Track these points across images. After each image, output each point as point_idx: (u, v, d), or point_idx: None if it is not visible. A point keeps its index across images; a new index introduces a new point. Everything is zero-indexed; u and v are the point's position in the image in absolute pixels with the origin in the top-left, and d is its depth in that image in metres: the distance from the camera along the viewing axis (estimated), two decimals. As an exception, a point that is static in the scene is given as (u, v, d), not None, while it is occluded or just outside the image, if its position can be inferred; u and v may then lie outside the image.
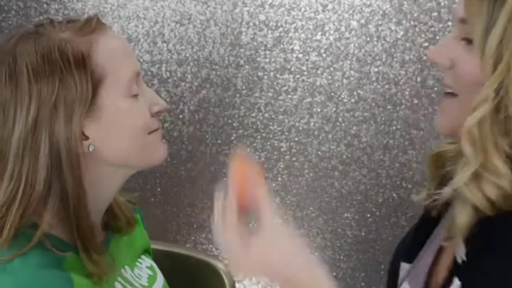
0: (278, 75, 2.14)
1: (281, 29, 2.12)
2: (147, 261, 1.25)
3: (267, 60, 2.14)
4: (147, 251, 1.28)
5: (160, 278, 1.24)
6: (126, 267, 1.16)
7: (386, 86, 2.08)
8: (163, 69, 2.20)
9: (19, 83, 1.00)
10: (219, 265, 1.59)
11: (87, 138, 1.02)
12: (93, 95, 1.01)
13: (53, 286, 0.96)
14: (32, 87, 0.99)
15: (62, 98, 0.99)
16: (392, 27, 2.05)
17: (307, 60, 2.12)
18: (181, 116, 2.22)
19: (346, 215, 2.19)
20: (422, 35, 2.03)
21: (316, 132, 2.16)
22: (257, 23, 2.13)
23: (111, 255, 1.10)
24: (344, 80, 2.11)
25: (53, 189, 1.01)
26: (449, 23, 2.01)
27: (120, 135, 1.04)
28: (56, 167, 1.00)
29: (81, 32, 1.03)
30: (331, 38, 2.09)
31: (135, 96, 1.06)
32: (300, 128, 2.16)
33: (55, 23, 1.05)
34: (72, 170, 1.00)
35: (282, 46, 2.12)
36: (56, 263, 0.99)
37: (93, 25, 1.05)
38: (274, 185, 2.22)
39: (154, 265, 1.26)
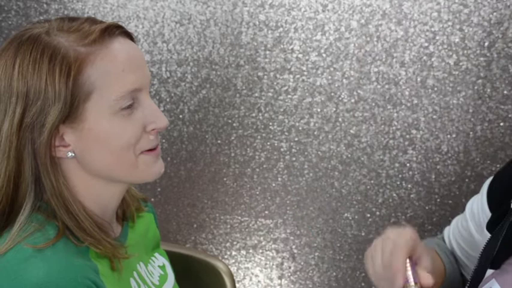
0: (278, 75, 2.15)
1: (281, 29, 2.12)
2: (160, 260, 1.26)
3: (267, 60, 2.14)
4: (157, 245, 1.30)
5: (171, 279, 1.25)
6: (141, 263, 1.18)
7: (386, 86, 2.09)
8: (163, 69, 2.20)
9: (11, 82, 1.02)
10: (219, 265, 1.59)
11: (68, 145, 1.03)
12: (77, 107, 1.01)
13: (81, 273, 0.99)
14: (19, 88, 1.01)
15: (43, 104, 1.00)
16: (392, 27, 2.05)
17: (307, 60, 2.12)
18: (181, 116, 2.22)
19: (346, 215, 2.19)
20: (422, 35, 2.03)
21: (316, 132, 2.16)
22: (257, 23, 2.13)
23: (128, 248, 1.11)
24: (344, 80, 2.11)
25: (38, 190, 1.04)
26: (449, 23, 2.01)
27: (99, 150, 1.04)
28: (37, 169, 1.03)
29: (86, 40, 1.02)
30: (331, 38, 2.09)
31: (128, 112, 1.04)
32: (300, 128, 2.17)
33: (64, 25, 1.04)
34: (47, 173, 1.03)
35: (282, 46, 2.13)
36: (81, 253, 1.03)
37: (104, 35, 1.03)
38: (274, 185, 2.22)
39: (167, 264, 1.28)
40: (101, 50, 1.03)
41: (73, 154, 1.04)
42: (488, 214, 1.23)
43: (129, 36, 1.09)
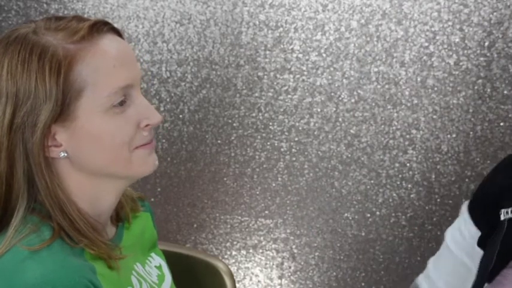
0: (278, 75, 2.15)
1: (281, 29, 2.12)
2: (156, 261, 1.26)
3: (267, 60, 2.14)
4: (154, 246, 1.29)
5: (168, 280, 1.25)
6: (138, 263, 1.17)
7: (387, 86, 2.08)
8: (163, 69, 2.20)
9: (0, 83, 1.01)
10: (219, 265, 1.59)
11: (60, 144, 1.03)
12: (69, 105, 1.00)
13: (78, 273, 0.98)
14: (8, 89, 1.00)
15: (34, 103, 0.99)
16: (392, 27, 2.05)
17: (307, 60, 2.12)
18: (181, 116, 2.22)
19: (346, 215, 2.19)
20: (422, 35, 2.03)
21: (316, 132, 2.16)
22: (257, 23, 2.13)
23: (123, 249, 1.11)
24: (344, 80, 2.11)
25: (31, 191, 1.03)
26: (450, 23, 2.01)
27: (92, 148, 1.03)
28: (30, 170, 1.02)
29: (74, 37, 1.01)
30: (331, 38, 2.09)
31: (121, 109, 1.03)
32: (300, 128, 2.17)
33: (51, 24, 1.03)
34: (41, 173, 1.02)
35: (282, 46, 2.13)
36: (77, 253, 1.02)
37: (93, 31, 1.02)
38: (274, 185, 2.22)
39: (164, 264, 1.27)
40: (90, 46, 1.02)
41: (65, 154, 1.03)
42: (478, 234, 1.21)
43: (117, 32, 1.08)
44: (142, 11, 2.18)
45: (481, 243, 1.17)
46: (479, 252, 1.16)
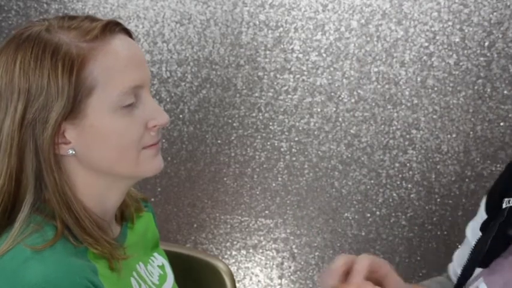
0: (278, 75, 2.15)
1: (281, 29, 2.12)
2: (159, 260, 1.26)
3: (267, 60, 2.14)
4: (156, 245, 1.30)
5: (170, 279, 1.26)
6: (141, 263, 1.18)
7: (387, 86, 2.09)
8: (163, 69, 2.20)
9: (13, 79, 1.02)
10: (219, 265, 1.59)
11: (69, 142, 1.03)
12: (79, 103, 1.01)
13: (80, 273, 0.99)
14: (21, 85, 1.01)
15: (46, 100, 1.00)
16: (393, 27, 2.05)
17: (307, 60, 2.12)
18: (181, 116, 2.23)
19: (346, 215, 2.19)
20: (422, 35, 2.03)
21: (316, 132, 2.16)
22: (257, 23, 2.13)
23: (127, 249, 1.11)
24: (344, 80, 2.11)
25: (38, 187, 1.04)
26: (450, 23, 2.01)
27: (100, 146, 1.04)
28: (38, 166, 1.03)
29: (87, 36, 1.02)
30: (331, 38, 2.10)
31: (129, 110, 1.05)
32: (300, 128, 2.17)
33: (64, 23, 1.05)
34: (51, 170, 1.03)
35: (282, 46, 2.13)
36: (80, 253, 1.03)
37: (105, 31, 1.04)
38: (274, 185, 2.22)
39: (166, 264, 1.28)
40: (103, 46, 1.03)
41: (73, 151, 1.04)
42: None
43: (128, 33, 1.10)
44: (142, 11, 2.18)
45: (482, 227, 1.20)
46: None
